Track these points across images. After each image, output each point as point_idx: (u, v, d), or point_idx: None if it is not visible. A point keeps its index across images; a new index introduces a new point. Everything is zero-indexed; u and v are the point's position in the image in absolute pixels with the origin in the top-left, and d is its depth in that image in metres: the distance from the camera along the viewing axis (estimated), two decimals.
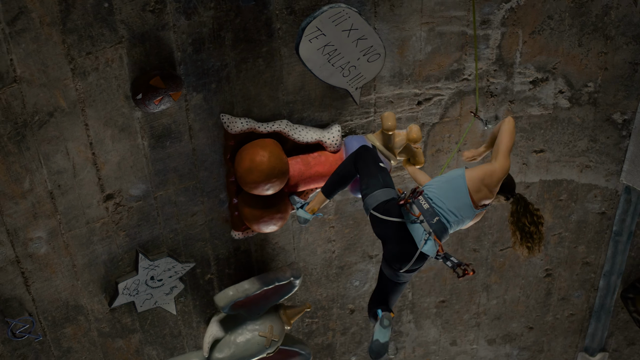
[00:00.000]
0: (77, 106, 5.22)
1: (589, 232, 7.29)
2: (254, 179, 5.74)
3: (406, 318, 7.56)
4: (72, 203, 5.57)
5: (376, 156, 5.42)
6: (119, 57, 5.19)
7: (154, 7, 5.12)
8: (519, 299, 7.70)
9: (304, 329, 7.27)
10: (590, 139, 6.71)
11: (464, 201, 5.08)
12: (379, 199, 5.14)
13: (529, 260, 7.41)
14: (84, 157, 5.44)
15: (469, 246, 7.18)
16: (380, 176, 5.25)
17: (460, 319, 7.74)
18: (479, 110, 6.11)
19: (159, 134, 5.61)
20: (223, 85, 5.60)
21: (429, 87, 6.16)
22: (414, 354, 7.91)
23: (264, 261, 6.62)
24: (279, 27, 5.53)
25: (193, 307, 6.61)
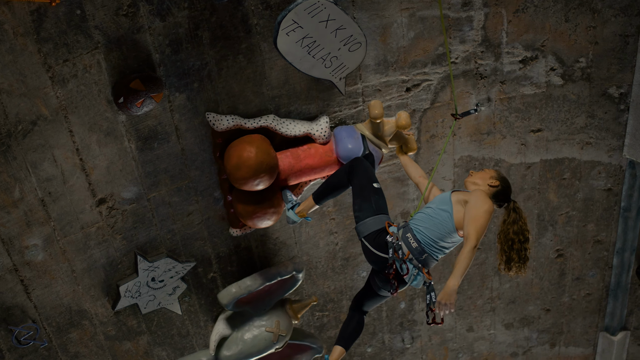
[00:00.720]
0: (59, 113, 5.30)
1: (596, 210, 7.19)
2: (242, 175, 5.77)
3: (419, 306, 7.52)
4: (65, 209, 5.65)
5: (371, 172, 5.47)
6: (96, 63, 5.25)
7: (127, 11, 5.17)
8: (532, 281, 7.61)
9: (315, 322, 7.28)
10: (588, 115, 6.61)
11: (449, 231, 5.16)
12: (370, 228, 5.25)
13: (538, 242, 7.33)
14: (72, 163, 5.52)
15: None
16: (373, 200, 5.32)
17: (474, 305, 7.69)
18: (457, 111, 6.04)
19: (145, 136, 5.67)
20: (205, 84, 5.63)
21: (416, 72, 6.13)
22: (431, 342, 7.87)
23: (266, 257, 6.65)
24: (256, 23, 5.55)
25: (199, 306, 6.66)
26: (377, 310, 7.42)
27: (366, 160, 5.60)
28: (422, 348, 7.89)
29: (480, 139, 6.58)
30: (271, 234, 6.56)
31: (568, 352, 8.19)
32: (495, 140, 6.63)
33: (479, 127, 6.51)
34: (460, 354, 8.08)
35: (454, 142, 6.55)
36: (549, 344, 8.12)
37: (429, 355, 7.97)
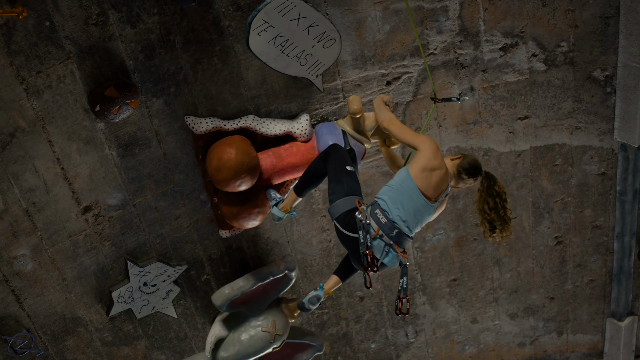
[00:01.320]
0: (37, 124, 5.37)
1: (592, 195, 7.12)
2: (223, 177, 5.80)
3: (420, 300, 7.51)
4: (50, 218, 5.73)
5: (345, 157, 5.42)
6: (70, 73, 5.32)
7: (96, 20, 5.23)
8: (533, 270, 7.56)
9: (315, 320, 7.30)
10: (575, 100, 6.55)
11: (418, 202, 5.09)
12: (340, 209, 5.19)
13: (535, 230, 7.27)
14: (54, 173, 5.59)
15: (470, 221, 7.09)
16: (345, 182, 5.27)
17: (476, 296, 7.65)
18: (437, 93, 6.03)
19: (126, 143, 5.72)
20: (182, 87, 5.67)
21: (395, 66, 6.12)
22: (435, 335, 7.84)
23: (259, 257, 6.68)
24: (228, 25, 5.58)
25: (195, 309, 6.71)
26: (377, 305, 7.41)
27: (341, 147, 5.56)
28: (427, 342, 7.87)
29: (467, 129, 6.55)
30: (262, 234, 6.59)
31: (576, 339, 8.12)
32: (482, 130, 6.60)
33: (464, 117, 6.48)
34: (467, 346, 8.04)
35: (441, 134, 6.52)
36: (556, 333, 8.05)
37: (434, 348, 7.95)
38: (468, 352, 8.06)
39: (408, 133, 5.26)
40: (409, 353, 7.89)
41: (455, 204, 6.94)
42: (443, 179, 5.11)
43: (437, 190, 5.12)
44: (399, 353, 7.85)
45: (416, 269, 7.27)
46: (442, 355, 8.03)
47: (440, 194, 5.16)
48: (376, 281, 7.22)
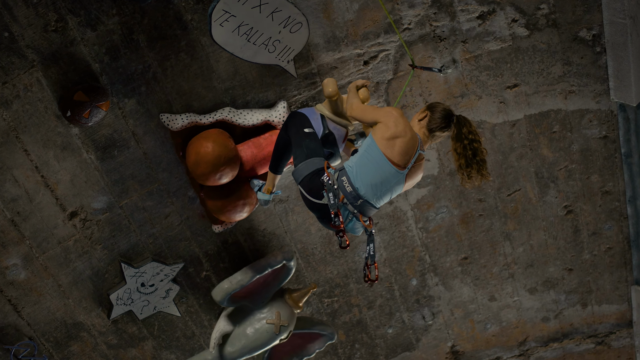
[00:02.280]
0: (10, 135, 5.44)
1: (596, 160, 6.89)
2: (202, 171, 5.79)
3: (432, 281, 7.38)
4: (37, 226, 5.80)
5: (303, 120, 5.34)
6: (36, 81, 5.37)
7: (55, 27, 5.27)
8: (546, 242, 7.35)
9: (325, 309, 7.24)
10: (564, 63, 6.34)
11: (386, 170, 4.97)
12: (302, 172, 5.11)
13: (542, 200, 7.08)
14: (34, 182, 5.66)
15: (473, 197, 6.94)
16: (304, 145, 5.20)
17: (490, 273, 7.48)
18: (415, 60, 5.92)
19: (103, 146, 5.75)
20: (153, 86, 5.68)
21: (370, 44, 6.02)
22: (454, 316, 7.70)
23: (257, 249, 6.65)
24: (191, 18, 5.56)
25: (199, 306, 6.72)
26: (388, 290, 7.31)
27: (299, 112, 5.45)
28: (445, 323, 7.73)
29: (455, 102, 6.40)
30: (257, 226, 6.56)
31: (602, 310, 7.87)
32: (472, 102, 6.45)
33: (450, 91, 6.34)
34: (488, 325, 7.88)
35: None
36: (580, 305, 7.82)
37: (454, 329, 7.81)
38: (490, 330, 7.90)
39: (369, 112, 5.15)
40: (428, 336, 7.77)
41: (454, 181, 6.79)
42: (409, 146, 4.95)
43: (405, 157, 4.97)
44: (418, 336, 7.73)
45: (423, 250, 7.14)
46: (464, 336, 7.88)
47: (409, 160, 5.01)
48: (383, 265, 7.13)
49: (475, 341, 7.94)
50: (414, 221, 6.94)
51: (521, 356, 8.11)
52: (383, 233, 6.93)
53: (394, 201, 6.78)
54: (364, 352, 7.65)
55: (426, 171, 6.70)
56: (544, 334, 7.98)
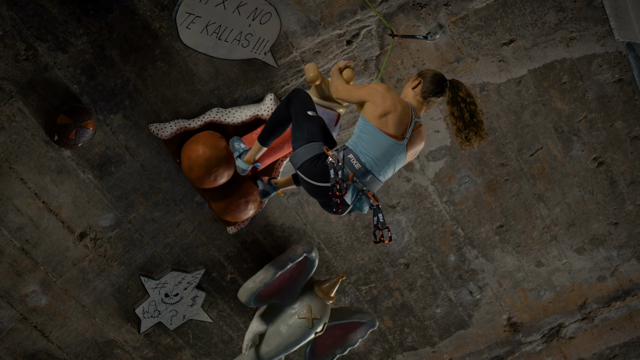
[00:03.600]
0: (3, 166, 5.58)
1: (616, 105, 6.53)
2: (196, 175, 5.80)
3: (471, 255, 7.15)
4: (49, 251, 5.92)
5: (307, 101, 5.26)
6: (18, 111, 5.48)
7: (26, 55, 5.37)
8: (582, 198, 7.02)
9: (364, 297, 7.12)
10: (557, 9, 6.04)
11: (385, 143, 4.94)
12: (302, 157, 5.04)
13: (568, 156, 6.76)
14: (37, 208, 5.78)
15: (494, 162, 6.69)
16: (305, 128, 5.14)
17: (530, 239, 7.19)
18: (394, 29, 5.76)
19: (99, 164, 5.83)
20: (136, 98, 5.71)
21: (349, 23, 5.88)
22: (503, 287, 7.44)
23: (278, 245, 6.60)
24: (159, 26, 5.57)
25: (230, 310, 6.72)
26: (426, 269, 7.13)
27: (303, 90, 5.38)
28: (495, 295, 7.48)
29: (452, 68, 6.19)
30: (275, 222, 6.51)
31: None
32: (469, 65, 6.22)
33: (444, 57, 6.13)
34: (541, 292, 7.57)
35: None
36: (635, 259, 7.43)
37: (506, 301, 7.54)
38: (545, 297, 7.59)
39: (354, 92, 5.11)
40: (480, 311, 7.54)
41: (470, 149, 6.55)
42: (402, 118, 4.90)
43: (400, 128, 4.91)
44: (469, 312, 7.51)
45: (454, 223, 6.93)
46: (518, 306, 7.61)
47: (406, 130, 4.92)
48: (415, 244, 6.95)
49: (532, 310, 7.65)
50: (437, 196, 6.75)
51: (585, 319, 7.77)
52: (408, 212, 6.77)
53: (411, 178, 6.61)
54: (416, 335, 7.49)
55: (437, 142, 6.51)
56: (603, 294, 7.62)
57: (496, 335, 7.74)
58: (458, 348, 7.72)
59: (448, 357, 7.76)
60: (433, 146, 6.51)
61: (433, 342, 7.61)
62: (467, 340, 7.69)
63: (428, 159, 6.54)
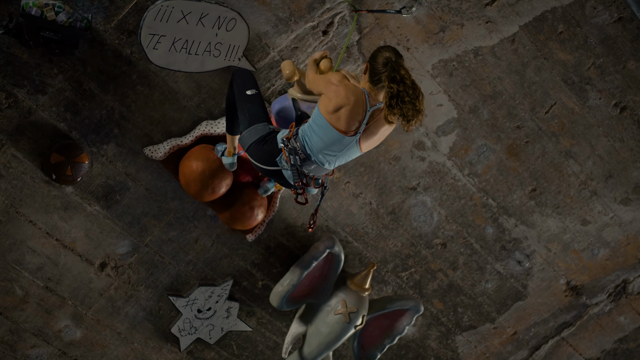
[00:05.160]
0: (10, 212, 5.79)
1: (623, 45, 6.17)
2: (195, 190, 5.85)
3: (509, 224, 6.91)
4: (73, 286, 6.11)
5: (245, 80, 5.21)
6: (12, 157, 5.68)
7: (7, 103, 5.56)
8: (613, 147, 6.66)
9: (407, 283, 7.00)
10: None
11: (333, 136, 4.81)
12: (247, 141, 5.05)
13: (586, 107, 6.43)
14: (51, 247, 5.97)
15: (508, 126, 6.44)
16: (246, 110, 5.12)
17: (569, 198, 6.88)
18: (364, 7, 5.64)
19: (103, 194, 5.96)
20: (124, 125, 5.82)
21: (319, 13, 5.80)
22: (552, 252, 7.15)
23: (303, 245, 6.58)
24: (130, 52, 5.65)
25: (269, 315, 6.74)
26: (465, 246, 6.94)
27: (242, 70, 5.30)
28: (546, 261, 7.19)
29: (439, 39, 6.00)
30: (294, 223, 6.49)
31: None
32: (456, 33, 6.01)
33: (427, 29, 5.95)
34: (595, 250, 7.23)
35: (414, 57, 6.03)
36: None
37: (560, 265, 7.24)
38: (601, 255, 7.25)
39: (316, 84, 4.95)
40: (535, 279, 7.27)
41: (479, 116, 6.35)
42: (355, 111, 4.71)
43: (353, 123, 4.75)
44: (523, 283, 7.26)
45: (483, 195, 6.71)
46: (573, 269, 7.29)
47: (359, 125, 4.78)
48: (447, 221, 6.78)
49: (590, 270, 7.32)
50: (457, 170, 6.55)
51: None
52: (431, 191, 6.61)
53: (425, 157, 6.44)
54: (471, 314, 7.30)
55: (444, 116, 6.33)
56: None
57: (558, 302, 7.45)
58: (520, 320, 7.47)
59: (512, 330, 7.52)
60: (440, 120, 6.33)
61: (492, 318, 7.39)
62: (528, 311, 7.43)
63: (438, 134, 6.36)
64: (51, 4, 5.26)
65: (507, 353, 7.66)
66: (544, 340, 7.69)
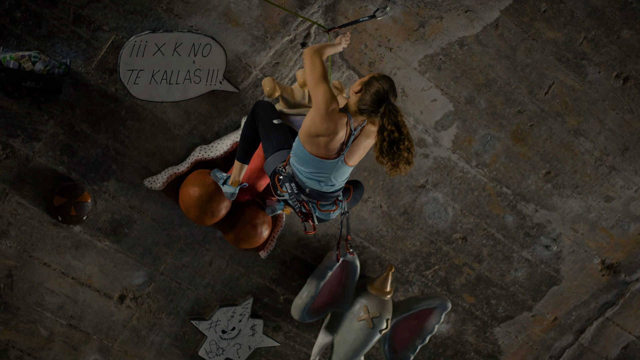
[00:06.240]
0: (23, 256, 6.01)
1: (613, 14, 5.95)
2: (195, 215, 5.93)
3: (529, 210, 6.76)
4: (96, 320, 6.29)
5: (270, 111, 5.30)
6: (17, 204, 5.90)
7: (6, 154, 5.77)
8: (623, 118, 6.45)
9: (432, 280, 6.94)
10: None
11: (317, 163, 4.87)
12: (272, 166, 5.15)
13: (587, 83, 6.25)
14: (69, 285, 6.17)
15: (508, 112, 6.31)
16: (273, 137, 5.20)
17: (587, 175, 6.69)
18: (344, 18, 5.63)
19: (111, 229, 6.12)
20: (121, 160, 5.96)
21: (294, 27, 5.81)
22: (579, 232, 6.97)
23: (319, 256, 6.60)
24: (115, 89, 5.77)
25: (296, 328, 6.79)
26: (486, 237, 6.82)
27: (265, 101, 5.36)
28: (575, 243, 7.01)
29: (420, 35, 5.93)
30: (306, 235, 6.51)
31: None
32: (436, 27, 5.93)
33: (407, 26, 5.89)
34: (625, 226, 7.01)
35: (398, 56, 5.98)
36: None
37: (590, 244, 7.05)
38: (632, 230, 7.02)
39: (312, 83, 4.75)
40: (566, 262, 7.09)
41: (477, 105, 6.24)
42: (335, 141, 4.76)
43: (331, 150, 4.81)
44: (555, 267, 7.09)
45: (495, 184, 6.60)
46: (606, 247, 7.09)
47: (342, 149, 4.83)
48: (464, 215, 6.69)
49: (623, 247, 7.11)
50: (464, 162, 6.46)
51: None
52: (441, 186, 6.53)
53: (429, 153, 6.38)
54: (506, 304, 7.18)
55: (440, 111, 6.25)
56: None
57: (596, 282, 7.26)
58: (559, 305, 7.31)
59: (552, 316, 7.36)
60: (437, 115, 6.26)
61: (528, 306, 7.25)
62: (565, 295, 7.26)
63: (438, 129, 6.29)
64: (27, 55, 5.43)
65: (551, 340, 7.49)
66: (588, 323, 7.50)
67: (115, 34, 5.55)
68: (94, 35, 5.54)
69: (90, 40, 5.55)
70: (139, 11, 5.52)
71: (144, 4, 5.51)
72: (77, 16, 5.47)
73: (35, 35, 5.45)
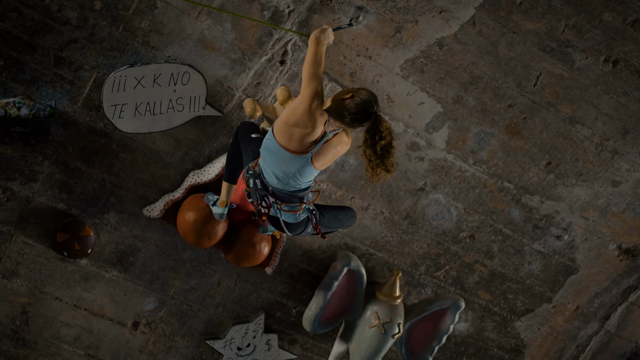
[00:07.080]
0: (35, 293, 6.23)
1: (588, 3, 5.89)
2: (193, 240, 6.06)
3: (534, 202, 6.70)
4: (113, 348, 6.47)
5: (249, 128, 5.50)
6: (23, 244, 6.11)
7: (6, 197, 5.98)
8: (618, 102, 6.34)
9: (445, 281, 6.93)
10: None
11: (284, 156, 4.99)
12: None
13: (576, 70, 6.17)
14: (82, 316, 6.36)
15: (498, 107, 6.26)
16: (249, 149, 5.39)
17: (589, 162, 6.60)
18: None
19: (117, 260, 6.29)
20: (118, 192, 6.12)
21: (271, 45, 5.88)
22: (590, 220, 6.88)
23: (326, 266, 6.65)
24: (104, 124, 5.93)
25: (312, 340, 6.87)
26: (494, 233, 6.79)
27: (245, 121, 5.63)
28: (587, 230, 6.92)
29: (397, 40, 5.94)
30: (311, 247, 6.58)
31: None
32: (412, 31, 5.92)
33: (383, 34, 5.90)
34: (637, 209, 6.88)
35: (379, 64, 5.99)
36: None
37: (603, 230, 6.94)
38: None
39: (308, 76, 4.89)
40: (581, 250, 7.00)
41: (465, 104, 6.21)
42: (309, 137, 4.90)
43: (303, 144, 4.92)
44: (570, 256, 7.01)
45: (496, 180, 6.55)
46: (619, 232, 6.97)
47: (311, 146, 4.93)
48: (468, 214, 6.67)
49: (638, 230, 6.99)
50: (461, 161, 6.44)
51: None
52: (441, 187, 6.52)
53: (424, 156, 6.38)
54: (524, 297, 7.14)
55: (429, 113, 6.25)
56: None
57: (615, 268, 7.15)
58: (579, 294, 7.23)
59: (573, 306, 7.28)
60: (426, 118, 6.25)
61: (548, 298, 7.19)
62: (584, 283, 7.18)
63: (429, 131, 6.29)
64: (12, 101, 5.62)
65: (576, 329, 7.41)
66: (612, 309, 7.39)
67: (97, 72, 5.69)
68: (76, 75, 5.69)
69: (73, 80, 5.70)
70: (116, 47, 5.65)
71: (121, 40, 5.63)
72: (58, 58, 5.62)
73: (19, 81, 5.62)
